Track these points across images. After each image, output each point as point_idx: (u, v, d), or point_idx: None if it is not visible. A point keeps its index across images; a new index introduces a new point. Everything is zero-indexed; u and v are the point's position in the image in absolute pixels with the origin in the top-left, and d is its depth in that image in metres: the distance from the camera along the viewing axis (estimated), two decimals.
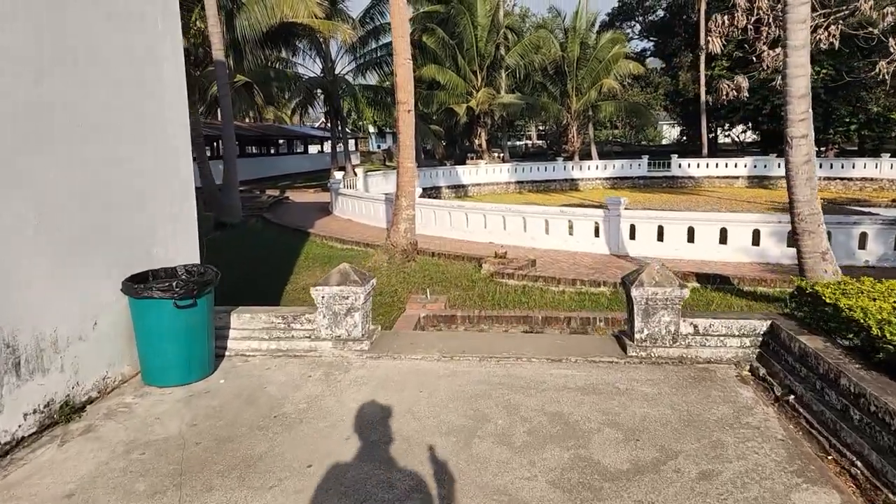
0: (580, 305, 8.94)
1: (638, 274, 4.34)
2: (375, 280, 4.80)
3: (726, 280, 9.76)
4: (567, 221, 13.12)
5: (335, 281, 4.49)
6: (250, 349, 4.59)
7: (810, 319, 4.17)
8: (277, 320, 4.63)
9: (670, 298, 4.25)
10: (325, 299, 4.49)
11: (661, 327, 4.31)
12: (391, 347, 4.59)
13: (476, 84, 39.68)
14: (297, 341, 4.58)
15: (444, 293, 9.76)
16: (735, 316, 4.48)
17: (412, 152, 11.48)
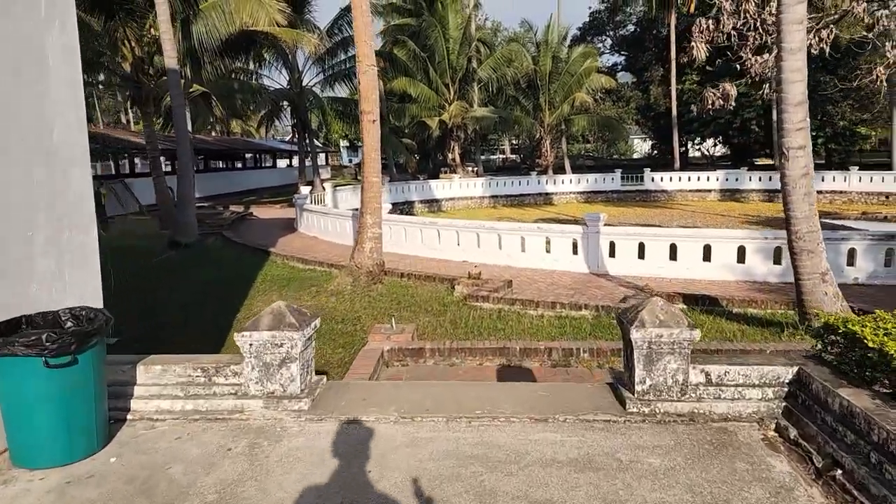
0: (561, 332, 8.16)
1: (637, 311, 3.55)
2: (319, 321, 3.93)
3: (714, 301, 9.10)
4: (544, 238, 12.39)
5: (266, 325, 3.61)
6: (160, 411, 3.68)
7: (846, 365, 3.43)
8: (196, 373, 3.73)
9: (678, 342, 3.47)
10: (255, 347, 3.61)
11: (666, 376, 3.53)
12: (338, 405, 3.72)
13: (448, 97, 39.13)
14: (219, 399, 3.68)
15: (413, 320, 8.91)
16: (754, 361, 3.71)
17: (378, 166, 10.65)
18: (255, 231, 20.30)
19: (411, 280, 11.43)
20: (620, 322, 3.71)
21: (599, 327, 8.27)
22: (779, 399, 3.55)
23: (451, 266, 12.89)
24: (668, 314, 3.49)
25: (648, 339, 3.45)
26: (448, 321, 8.79)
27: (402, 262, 13.48)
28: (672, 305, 3.60)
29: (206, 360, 3.81)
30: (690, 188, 35.67)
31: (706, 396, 3.56)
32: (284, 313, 3.64)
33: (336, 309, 9.68)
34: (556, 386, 4.01)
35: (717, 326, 8.12)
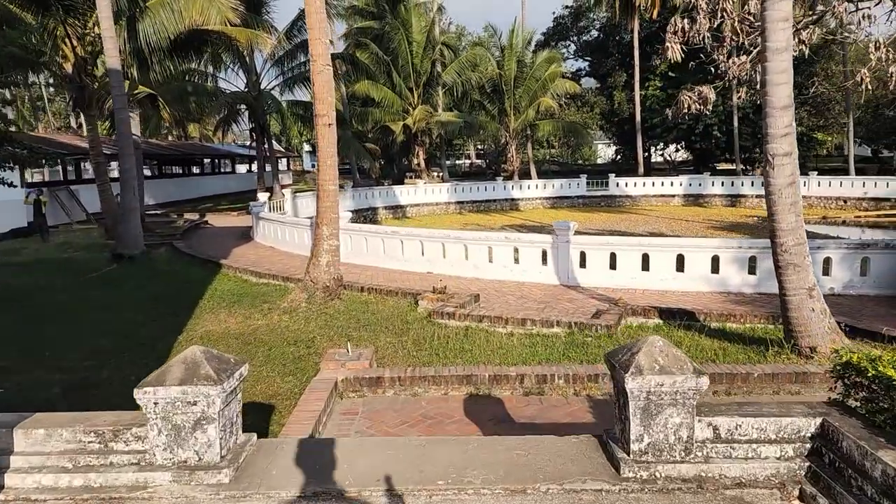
0: (532, 352, 7.56)
1: (632, 353, 2.95)
2: (246, 367, 3.21)
3: (691, 316, 8.63)
4: (512, 248, 11.81)
5: (176, 377, 2.88)
6: (41, 488, 2.91)
7: (879, 416, 2.89)
8: (88, 438, 2.98)
9: (682, 391, 2.87)
10: (161, 407, 2.88)
11: (668, 433, 2.93)
12: (268, 476, 3.01)
13: (412, 101, 38.48)
14: (117, 472, 2.94)
15: (373, 341, 8.19)
16: (769, 411, 3.12)
17: (335, 172, 9.92)
18: (209, 241, 19.24)
19: (372, 295, 10.70)
20: (611, 366, 3.10)
21: (573, 346, 7.70)
22: (800, 458, 2.99)
23: (415, 278, 12.21)
24: (669, 357, 2.89)
25: (647, 389, 2.85)
26: (411, 341, 8.10)
27: (363, 275, 12.74)
28: (673, 347, 3.00)
29: (102, 419, 3.05)
30: (654, 193, 35.79)
31: (715, 456, 2.97)
32: (199, 362, 2.92)
33: (288, 329, 8.89)
34: (536, 441, 3.37)
35: (696, 344, 7.63)
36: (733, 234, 22.99)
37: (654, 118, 43.15)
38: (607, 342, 7.79)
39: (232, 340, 8.44)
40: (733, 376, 6.02)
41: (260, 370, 7.22)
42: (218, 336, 8.68)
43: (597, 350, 7.50)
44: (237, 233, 20.95)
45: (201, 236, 20.66)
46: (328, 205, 9.87)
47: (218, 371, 2.92)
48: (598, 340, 7.87)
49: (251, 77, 29.91)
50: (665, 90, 43.29)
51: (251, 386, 6.72)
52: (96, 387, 6.75)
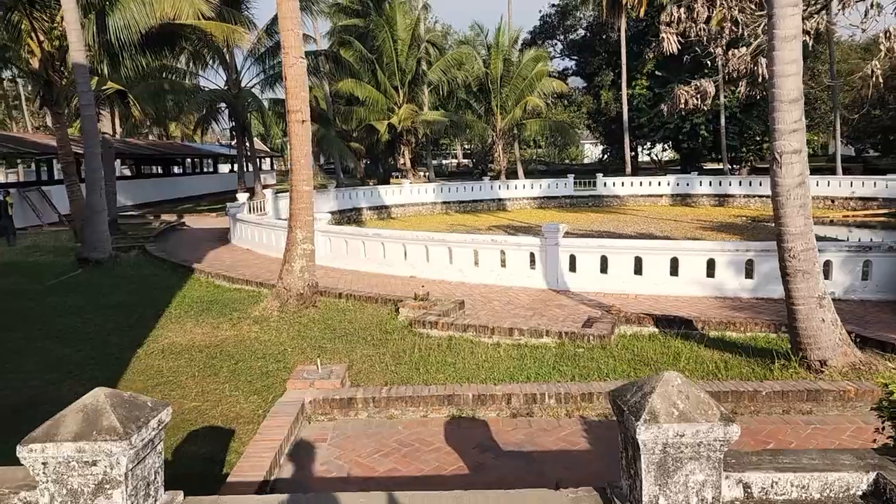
0: (520, 366, 7.00)
1: (644, 395, 2.39)
2: (168, 412, 2.61)
3: (689, 324, 8.12)
4: (499, 252, 11.26)
5: (71, 431, 2.27)
6: None
7: None
8: None
9: (707, 443, 2.32)
10: (53, 468, 2.28)
11: (689, 493, 2.37)
12: None
13: (397, 100, 37.88)
14: None
15: (348, 353, 7.59)
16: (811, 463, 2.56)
17: (309, 172, 9.30)
18: (184, 243, 18.51)
19: (350, 301, 10.09)
20: (618, 409, 2.54)
21: (564, 358, 7.15)
22: None
23: (398, 283, 11.62)
24: (690, 400, 2.33)
25: (664, 441, 2.29)
26: (389, 354, 7.50)
27: (342, 279, 12.12)
28: (694, 385, 2.44)
29: None
30: (642, 193, 35.45)
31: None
32: (102, 410, 2.31)
33: (258, 340, 8.26)
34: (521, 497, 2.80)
35: (696, 356, 7.11)
36: (724, 234, 22.65)
37: (641, 117, 42.90)
38: (600, 354, 7.25)
39: (196, 353, 7.79)
40: (739, 394, 5.50)
41: (222, 388, 6.59)
42: (181, 348, 8.03)
43: (589, 363, 6.96)
44: (214, 235, 20.23)
45: (177, 239, 19.90)
46: (302, 206, 9.25)
47: (126, 421, 2.31)
48: (591, 352, 7.33)
49: (231, 75, 29.13)
50: (652, 89, 43.06)
51: (211, 407, 6.10)
52: (34, 408, 6.09)
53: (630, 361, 6.99)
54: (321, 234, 13.76)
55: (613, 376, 6.49)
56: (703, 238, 21.49)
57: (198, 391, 6.55)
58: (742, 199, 33.47)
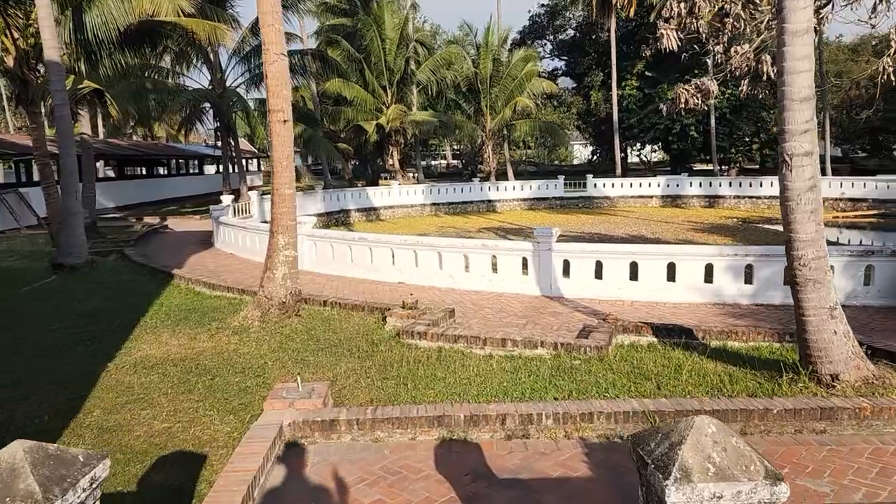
0: (514, 380, 6.62)
1: (672, 446, 2.00)
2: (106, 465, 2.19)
3: (689, 333, 7.78)
4: (490, 257, 10.88)
5: None
6: None
7: None
8: None
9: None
10: None
11: None
12: None
13: (386, 100, 37.47)
14: None
15: (332, 367, 7.18)
16: None
17: (291, 175, 8.87)
18: (165, 247, 17.98)
19: (335, 310, 9.66)
20: (640, 461, 2.16)
21: (560, 372, 6.77)
22: None
23: (385, 290, 11.21)
24: (727, 453, 1.95)
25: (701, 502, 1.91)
26: (375, 368, 7.10)
27: (327, 286, 11.69)
28: (731, 434, 2.06)
29: None
30: (632, 194, 35.30)
31: None
32: (19, 470, 1.89)
33: (237, 353, 7.81)
34: None
35: (698, 368, 6.76)
36: (716, 236, 22.46)
37: (631, 118, 42.77)
38: (598, 366, 6.89)
39: (170, 368, 7.34)
40: (749, 413, 5.15)
41: (196, 407, 6.16)
42: (155, 362, 7.57)
43: (587, 376, 6.59)
44: (197, 238, 19.71)
45: (159, 242, 19.35)
46: (284, 210, 8.82)
47: (48, 483, 1.90)
48: (588, 364, 6.96)
49: (215, 74, 28.55)
50: (642, 90, 42.97)
51: (183, 429, 5.67)
52: None
53: (629, 375, 6.63)
54: (306, 239, 13.33)
55: (613, 391, 6.13)
56: (695, 240, 21.29)
57: (170, 410, 6.11)
58: (732, 200, 33.41)
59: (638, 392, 6.13)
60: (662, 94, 41.21)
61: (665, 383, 6.31)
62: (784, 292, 9.43)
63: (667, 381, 6.39)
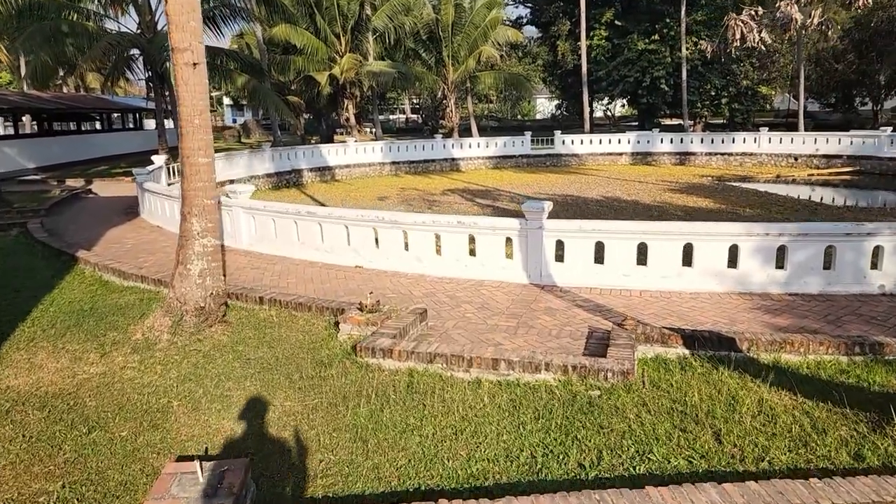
0: (516, 427, 4.80)
1: None
2: None
3: (730, 344, 6.06)
4: (467, 237, 8.93)
5: None
6: None
7: None
8: None
9: None
10: None
11: None
12: None
13: (339, 49, 34.38)
14: None
15: (265, 404, 5.21)
16: None
17: (207, 138, 6.63)
18: (82, 218, 15.37)
19: (275, 309, 7.61)
20: None
21: (577, 412, 4.97)
22: None
23: (340, 277, 9.18)
24: None
25: None
26: (323, 409, 5.15)
27: (268, 272, 9.59)
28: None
29: None
30: (602, 151, 33.68)
31: None
32: None
33: (133, 383, 5.73)
34: None
35: (761, 403, 5.03)
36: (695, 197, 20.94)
37: (599, 70, 40.74)
38: (626, 400, 5.11)
39: (33, 413, 5.23)
40: None
41: (52, 493, 4.12)
42: (14, 400, 5.45)
43: (615, 420, 4.80)
44: (124, 206, 17.08)
45: (75, 211, 16.66)
46: (199, 186, 6.61)
47: None
48: (612, 397, 5.18)
49: (144, 16, 25.09)
50: (611, 40, 40.88)
51: None
52: None
53: (671, 415, 4.87)
54: (243, 213, 11.09)
55: (658, 448, 4.37)
56: (674, 202, 19.73)
57: (7, 499, 4.07)
58: (703, 157, 32.13)
59: (692, 447, 4.38)
60: (632, 45, 39.27)
61: (725, 431, 4.57)
62: (823, 279, 7.84)
63: (726, 426, 4.65)
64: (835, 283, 7.82)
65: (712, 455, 4.30)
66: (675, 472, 4.12)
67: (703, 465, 4.20)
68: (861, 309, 7.30)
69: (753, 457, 4.26)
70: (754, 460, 4.23)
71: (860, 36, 36.69)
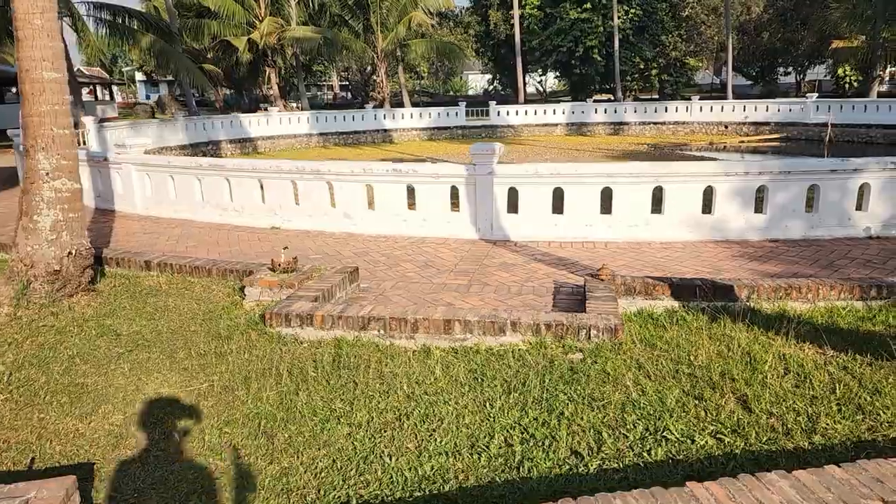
0: (481, 406, 3.56)
1: None
2: None
3: (727, 291, 5.02)
4: (405, 188, 7.57)
5: None
6: None
7: None
8: None
9: None
10: None
11: None
12: None
13: (259, 13, 31.82)
14: None
15: (134, 391, 3.75)
16: None
17: (55, 46, 4.95)
18: None
19: (166, 275, 6.03)
20: None
21: (559, 382, 3.77)
22: None
23: (253, 240, 7.65)
24: None
25: None
26: (215, 396, 3.74)
27: (164, 236, 7.93)
28: None
29: None
30: (537, 122, 32.99)
31: None
32: None
33: None
34: None
35: (784, 359, 3.99)
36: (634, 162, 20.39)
37: (532, 40, 39.83)
38: (617, 363, 3.96)
39: None
40: None
41: None
42: None
43: (608, 389, 3.64)
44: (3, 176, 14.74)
45: None
46: (45, 110, 4.93)
47: None
48: (599, 359, 4.01)
49: None
50: (543, 9, 39.94)
51: None
52: None
53: (678, 378, 3.75)
54: (135, 171, 9.28)
55: (674, 423, 3.23)
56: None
57: None
58: (637, 126, 31.93)
59: (716, 419, 3.27)
60: (565, 14, 38.52)
61: (752, 396, 3.48)
62: (806, 222, 7.00)
63: (750, 390, 3.56)
64: (818, 226, 7.00)
65: (746, 429, 3.19)
66: (706, 456, 2.99)
67: (739, 443, 3.08)
68: (852, 252, 6.49)
69: (800, 429, 3.19)
70: (803, 433, 3.15)
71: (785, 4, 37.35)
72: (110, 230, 8.39)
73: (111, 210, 9.71)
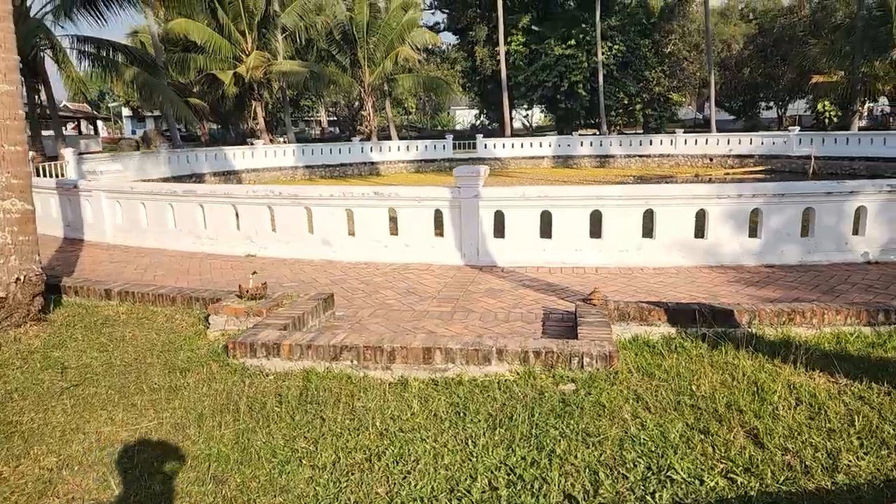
0: (462, 445, 3.17)
1: None
2: None
3: (727, 317, 4.70)
4: (387, 212, 7.25)
5: None
6: None
7: None
8: None
9: None
10: None
11: None
12: None
13: (245, 47, 31.92)
14: None
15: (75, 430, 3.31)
16: None
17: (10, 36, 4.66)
18: None
19: (126, 305, 5.62)
20: None
21: (550, 416, 3.40)
22: None
23: (226, 268, 7.26)
24: None
25: None
26: (164, 434, 3.32)
27: (131, 265, 7.52)
28: None
29: None
30: (524, 155, 33.13)
31: None
32: None
33: None
34: None
35: (797, 391, 3.65)
36: None
37: (518, 76, 40.32)
38: (613, 394, 3.60)
39: None
40: None
41: None
42: None
43: (603, 423, 3.26)
44: None
45: None
46: None
47: None
48: (595, 393, 3.64)
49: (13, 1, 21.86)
50: (529, 45, 40.58)
51: None
52: None
53: (681, 411, 3.39)
54: (106, 197, 8.91)
55: (678, 461, 2.86)
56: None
57: None
58: (623, 159, 32.13)
59: (726, 456, 2.91)
60: (549, 50, 39.09)
61: (763, 430, 3.13)
62: (802, 247, 6.74)
63: (761, 423, 3.21)
64: (814, 251, 6.75)
65: (760, 467, 2.83)
66: (718, 499, 2.61)
67: (753, 483, 2.72)
68: (852, 277, 6.22)
69: (820, 466, 2.83)
70: (824, 471, 2.79)
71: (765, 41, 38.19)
72: (76, 259, 7.97)
73: (80, 239, 9.29)
